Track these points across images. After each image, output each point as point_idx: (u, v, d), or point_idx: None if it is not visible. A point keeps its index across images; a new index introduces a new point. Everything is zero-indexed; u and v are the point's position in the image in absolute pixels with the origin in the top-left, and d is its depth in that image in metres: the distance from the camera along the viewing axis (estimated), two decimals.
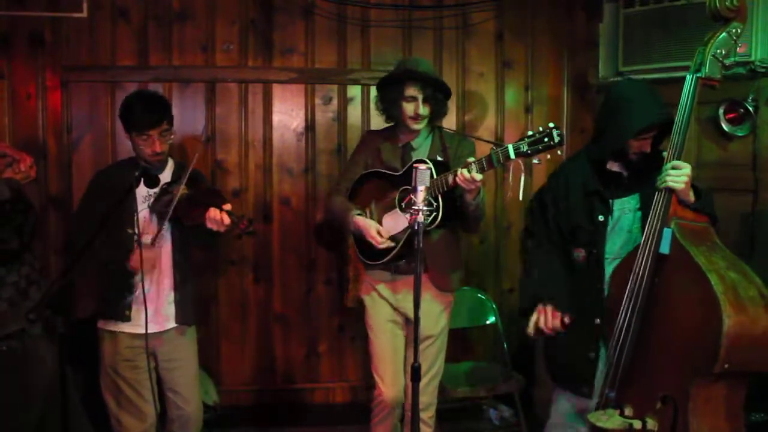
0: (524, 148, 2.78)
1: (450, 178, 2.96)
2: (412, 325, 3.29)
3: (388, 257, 3.23)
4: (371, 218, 3.30)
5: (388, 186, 3.29)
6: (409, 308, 3.28)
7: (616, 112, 2.76)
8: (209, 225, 2.92)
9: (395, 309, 3.39)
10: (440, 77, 3.39)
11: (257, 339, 4.51)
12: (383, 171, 3.33)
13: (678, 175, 2.46)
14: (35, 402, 2.67)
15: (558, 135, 2.72)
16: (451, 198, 3.08)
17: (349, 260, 3.57)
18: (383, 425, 3.43)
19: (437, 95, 3.25)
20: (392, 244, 3.19)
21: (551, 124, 2.75)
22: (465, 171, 2.88)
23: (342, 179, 3.52)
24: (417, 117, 3.23)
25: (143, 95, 3.21)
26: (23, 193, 2.61)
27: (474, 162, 2.89)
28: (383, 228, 3.22)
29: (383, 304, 3.40)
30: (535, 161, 2.82)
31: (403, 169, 3.26)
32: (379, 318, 3.41)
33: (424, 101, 3.21)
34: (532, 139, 2.77)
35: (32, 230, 2.67)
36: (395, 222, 3.22)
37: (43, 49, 4.14)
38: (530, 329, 2.83)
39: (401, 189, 3.21)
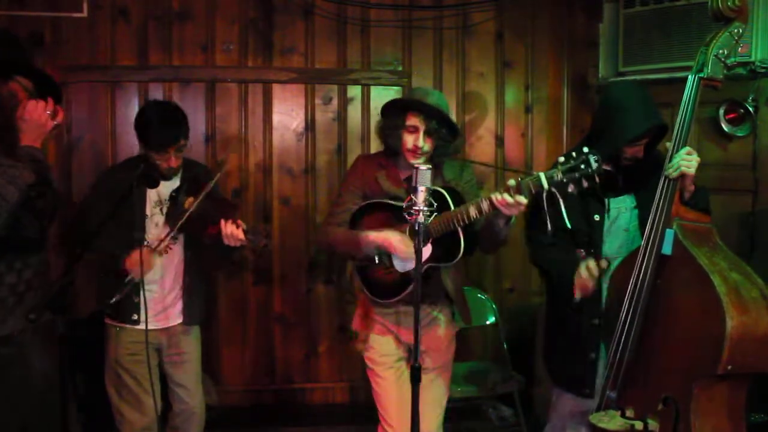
0: (558, 176, 2.53)
1: (485, 204, 2.70)
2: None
3: (402, 295, 2.97)
4: (380, 258, 3.00)
5: (393, 219, 2.95)
6: (411, 338, 3.02)
7: (609, 119, 2.77)
8: (226, 242, 2.91)
9: (401, 344, 3.14)
10: (448, 113, 3.03)
11: (257, 339, 4.51)
12: (387, 202, 3.01)
13: (691, 160, 2.49)
14: (19, 406, 2.65)
15: (595, 161, 2.48)
16: (471, 227, 2.87)
17: (356, 300, 3.30)
18: None
19: (441, 131, 2.93)
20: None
21: (585, 149, 2.51)
22: (506, 195, 2.62)
23: (338, 210, 3.13)
24: (416, 150, 2.92)
25: (160, 110, 3.11)
26: (47, 170, 2.56)
27: (510, 187, 2.63)
28: (395, 264, 2.96)
29: (389, 339, 3.13)
30: (570, 190, 2.54)
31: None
32: (385, 356, 3.14)
33: (426, 134, 2.91)
34: (567, 166, 2.52)
35: (52, 214, 2.66)
36: (406, 258, 2.90)
37: (43, 48, 4.13)
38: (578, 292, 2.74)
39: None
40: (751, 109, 3.68)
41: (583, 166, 2.50)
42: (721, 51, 2.45)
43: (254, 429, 4.28)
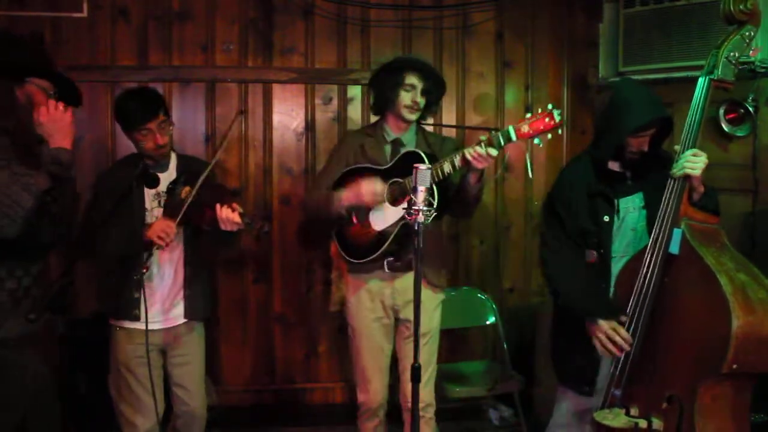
0: (525, 128, 2.85)
1: (457, 159, 2.95)
2: (402, 325, 3.33)
3: (377, 254, 3.15)
4: (357, 216, 3.22)
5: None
6: (402, 306, 3.28)
7: (614, 111, 2.78)
8: (222, 226, 2.91)
9: (386, 308, 3.31)
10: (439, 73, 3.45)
11: (257, 339, 4.50)
12: (367, 166, 3.23)
13: (696, 161, 2.50)
14: (19, 407, 2.63)
15: (558, 114, 2.83)
16: (443, 187, 3.08)
17: (332, 262, 3.49)
18: (371, 425, 3.44)
19: (436, 90, 3.28)
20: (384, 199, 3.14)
21: (550, 105, 2.85)
22: (478, 148, 2.89)
23: (322, 177, 3.38)
24: (414, 106, 3.20)
25: (133, 92, 3.18)
26: (68, 171, 2.52)
27: (481, 141, 2.90)
28: (371, 221, 3.17)
29: (370, 305, 3.31)
30: (536, 141, 2.87)
31: (391, 162, 3.19)
32: (364, 320, 3.33)
33: (422, 92, 3.21)
34: (533, 120, 2.85)
35: (69, 219, 2.64)
36: (384, 216, 3.15)
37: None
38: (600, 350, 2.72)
39: (390, 182, 3.14)
40: (751, 109, 3.68)
41: (548, 119, 2.82)
42: (732, 53, 2.46)
43: (254, 429, 4.28)
